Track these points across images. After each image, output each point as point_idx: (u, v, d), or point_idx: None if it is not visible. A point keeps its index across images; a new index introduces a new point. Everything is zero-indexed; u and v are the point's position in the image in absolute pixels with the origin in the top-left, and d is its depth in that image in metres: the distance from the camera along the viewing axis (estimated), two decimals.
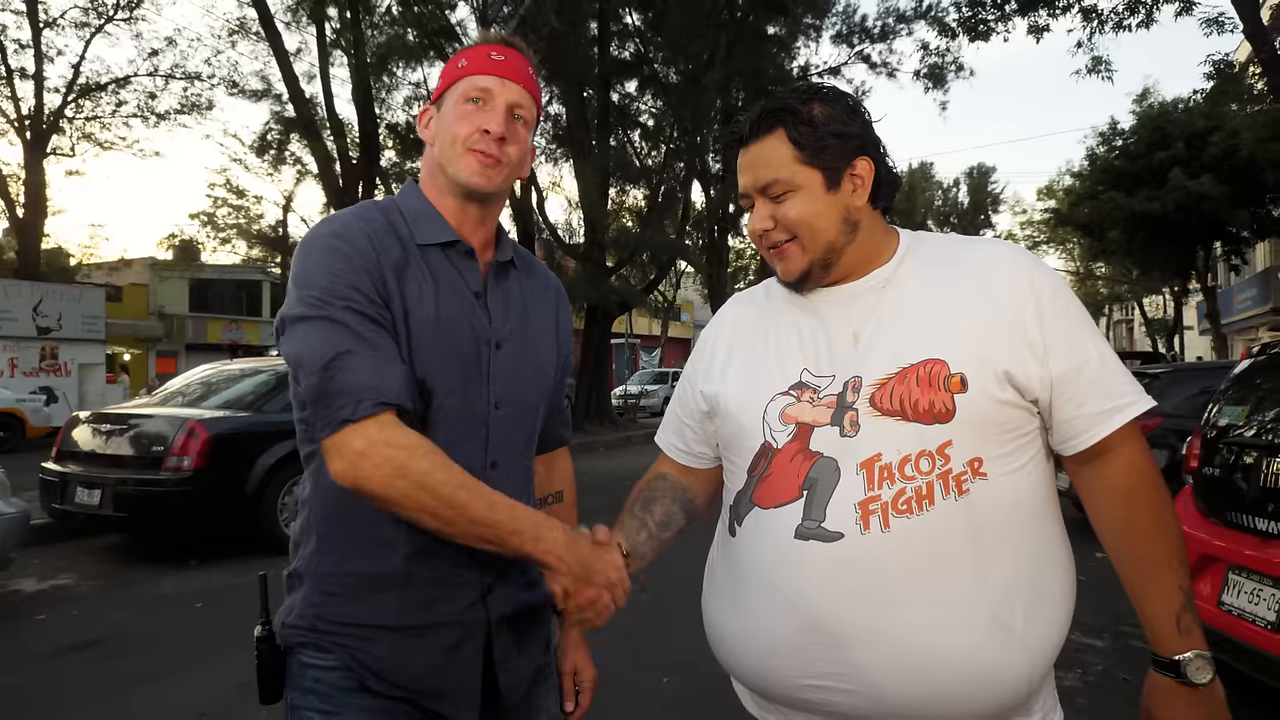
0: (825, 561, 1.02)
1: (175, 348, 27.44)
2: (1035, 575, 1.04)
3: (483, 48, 1.19)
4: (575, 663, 1.34)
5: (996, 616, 1.00)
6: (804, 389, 1.10)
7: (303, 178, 19.91)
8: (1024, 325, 1.04)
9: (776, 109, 1.11)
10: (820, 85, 1.16)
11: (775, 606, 1.06)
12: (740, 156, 1.14)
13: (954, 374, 1.02)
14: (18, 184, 18.65)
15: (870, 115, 1.14)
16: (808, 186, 1.09)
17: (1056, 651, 1.06)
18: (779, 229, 1.11)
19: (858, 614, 1.00)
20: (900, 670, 0.99)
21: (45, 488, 6.09)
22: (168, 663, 3.77)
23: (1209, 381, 5.73)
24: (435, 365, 1.11)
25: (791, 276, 1.13)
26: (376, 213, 1.17)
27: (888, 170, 1.14)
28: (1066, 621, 1.07)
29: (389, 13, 15.12)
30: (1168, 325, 30.62)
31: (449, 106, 1.18)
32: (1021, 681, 1.01)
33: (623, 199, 22.38)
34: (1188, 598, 1.06)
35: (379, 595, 1.13)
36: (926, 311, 1.08)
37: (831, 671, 1.02)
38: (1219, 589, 2.91)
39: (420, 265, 1.14)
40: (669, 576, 2.33)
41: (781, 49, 21.78)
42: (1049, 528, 1.08)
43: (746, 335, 1.21)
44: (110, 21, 19.14)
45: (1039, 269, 1.10)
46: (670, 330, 36.26)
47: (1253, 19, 10.12)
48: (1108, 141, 20.03)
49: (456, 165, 1.16)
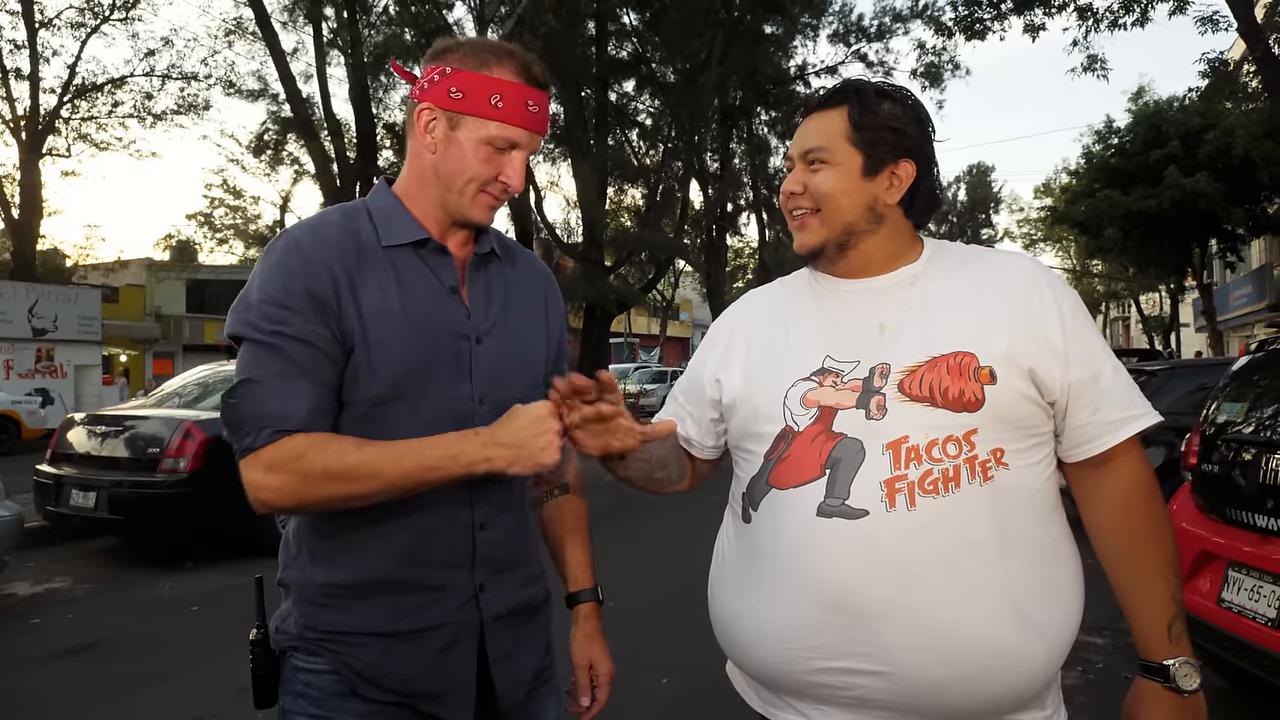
0: (848, 539, 1.02)
1: (172, 349, 27.39)
2: (1051, 568, 1.07)
3: (520, 90, 1.12)
4: (591, 656, 1.29)
5: (1018, 604, 1.01)
6: (826, 374, 1.11)
7: (300, 177, 19.92)
8: (1048, 330, 1.08)
9: (850, 88, 1.14)
10: (899, 86, 1.18)
11: (794, 588, 1.05)
12: (801, 124, 1.18)
13: (984, 366, 1.05)
14: (13, 185, 18.61)
15: (935, 132, 1.17)
16: (845, 164, 1.12)
17: (1069, 645, 1.07)
18: (806, 196, 1.14)
19: (882, 591, 1.00)
20: (922, 649, 0.99)
21: (40, 490, 6.06)
22: (164, 666, 3.75)
23: (1206, 378, 5.73)
24: (404, 365, 1.10)
25: (804, 249, 1.16)
26: (339, 216, 1.16)
27: (931, 186, 1.16)
28: (1078, 617, 1.09)
29: (386, 12, 15.12)
30: (1164, 322, 30.67)
31: (469, 137, 1.12)
32: (1039, 671, 1.03)
33: (621, 198, 22.38)
34: (1180, 608, 1.10)
35: (369, 603, 1.11)
36: (955, 308, 1.10)
37: (853, 651, 1.02)
38: (1219, 586, 2.90)
39: (384, 266, 1.12)
40: (668, 579, 2.32)
41: (779, 48, 21.81)
42: (1059, 525, 1.11)
43: (763, 326, 1.22)
44: (106, 22, 19.11)
45: (1058, 283, 1.14)
46: (669, 329, 36.25)
47: (1247, 17, 10.14)
48: (1104, 140, 20.05)
49: (465, 201, 1.14)
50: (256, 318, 1.06)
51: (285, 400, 1.04)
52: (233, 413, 1.06)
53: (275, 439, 1.03)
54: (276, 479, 1.03)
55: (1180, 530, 3.20)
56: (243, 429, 1.04)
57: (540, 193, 20.08)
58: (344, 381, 1.09)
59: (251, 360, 1.06)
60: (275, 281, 1.07)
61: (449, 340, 1.14)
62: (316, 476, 1.02)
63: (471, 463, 1.03)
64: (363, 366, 1.08)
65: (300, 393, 1.05)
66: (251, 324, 1.07)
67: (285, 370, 1.05)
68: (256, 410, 1.04)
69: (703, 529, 1.33)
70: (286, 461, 1.02)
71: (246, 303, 1.08)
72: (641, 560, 5.55)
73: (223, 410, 1.07)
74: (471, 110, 1.11)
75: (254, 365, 1.06)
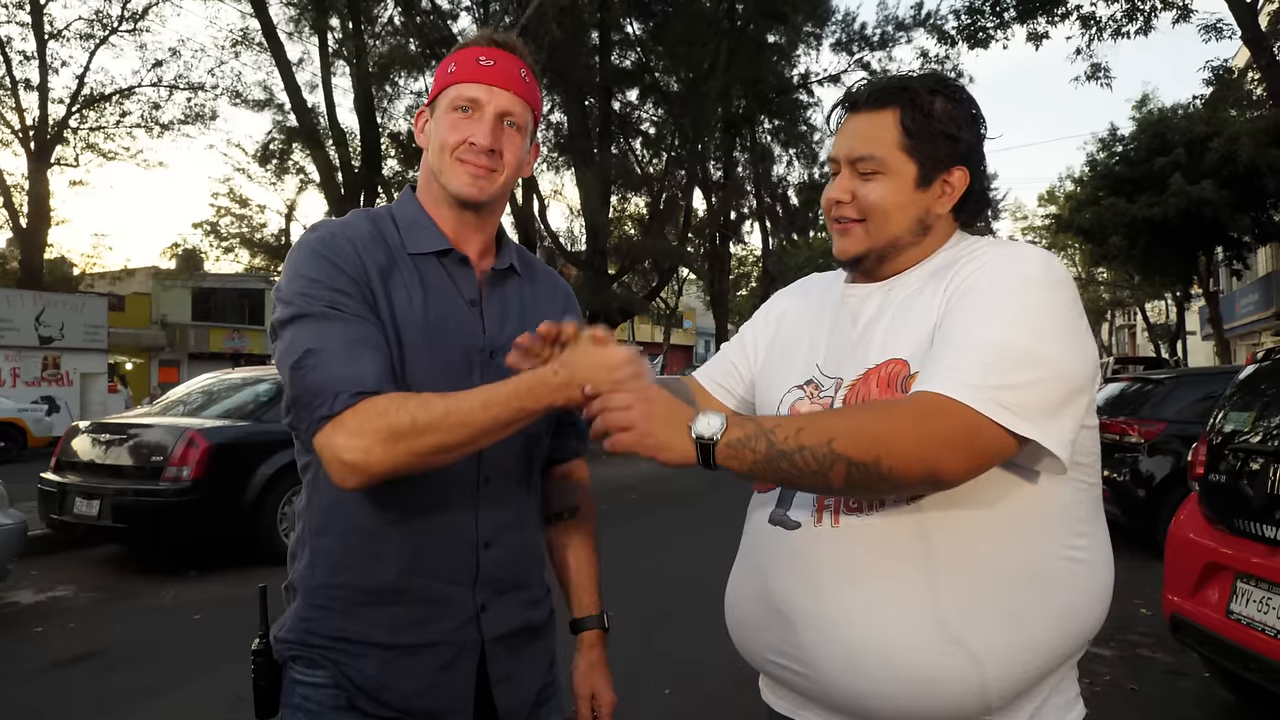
0: (784, 549, 1.07)
1: (178, 357, 27.47)
2: (1013, 590, 0.98)
3: (472, 50, 1.15)
4: (594, 686, 1.27)
5: (944, 622, 0.96)
6: (811, 385, 1.12)
7: (305, 186, 19.94)
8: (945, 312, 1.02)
9: (900, 87, 1.07)
10: (951, 80, 1.11)
11: (748, 584, 1.13)
12: (845, 121, 1.11)
13: (912, 374, 1.00)
14: (21, 194, 18.74)
15: (986, 128, 1.11)
16: (899, 175, 1.06)
17: (1031, 676, 0.99)
18: (853, 205, 1.09)
19: (803, 600, 1.03)
20: (837, 660, 1.00)
21: (44, 498, 6.07)
22: (166, 675, 3.74)
23: (1213, 387, 5.69)
24: (423, 374, 1.09)
25: (846, 256, 1.12)
26: (365, 220, 1.16)
27: (982, 188, 1.11)
28: (1052, 650, 1.00)
29: (391, 23, 15.21)
30: (1170, 331, 30.55)
31: (440, 112, 1.16)
32: (969, 694, 0.96)
33: (624, 206, 22.45)
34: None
35: (370, 610, 1.11)
36: (900, 313, 1.07)
37: (785, 651, 1.06)
38: (1227, 598, 2.87)
39: (410, 273, 1.13)
40: (670, 586, 2.31)
41: (782, 57, 21.88)
42: (1042, 546, 1.00)
43: (792, 321, 1.24)
44: (114, 33, 19.25)
45: (1016, 264, 1.00)
46: (673, 337, 36.25)
47: (1251, 25, 10.14)
48: (1108, 147, 20.01)
49: (447, 174, 1.15)
50: (307, 297, 1.04)
51: (355, 364, 1.01)
52: (301, 385, 1.01)
53: (354, 401, 0.99)
54: (363, 440, 0.97)
55: (1187, 541, 3.17)
56: (317, 398, 1.00)
57: (544, 201, 20.14)
58: None
59: (311, 333, 1.03)
60: (318, 267, 1.06)
61: (463, 353, 1.14)
62: (405, 431, 0.98)
63: (552, 403, 1.02)
64: (396, 365, 1.08)
65: (368, 357, 1.02)
66: (303, 301, 1.04)
67: (348, 337, 1.02)
68: (328, 376, 1.00)
69: (707, 532, 1.32)
70: (371, 421, 0.98)
71: (291, 290, 1.06)
72: (645, 565, 5.53)
73: (290, 385, 1.03)
74: (438, 88, 1.17)
75: (315, 337, 1.02)
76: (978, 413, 0.90)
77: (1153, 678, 3.62)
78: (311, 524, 1.15)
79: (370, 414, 0.99)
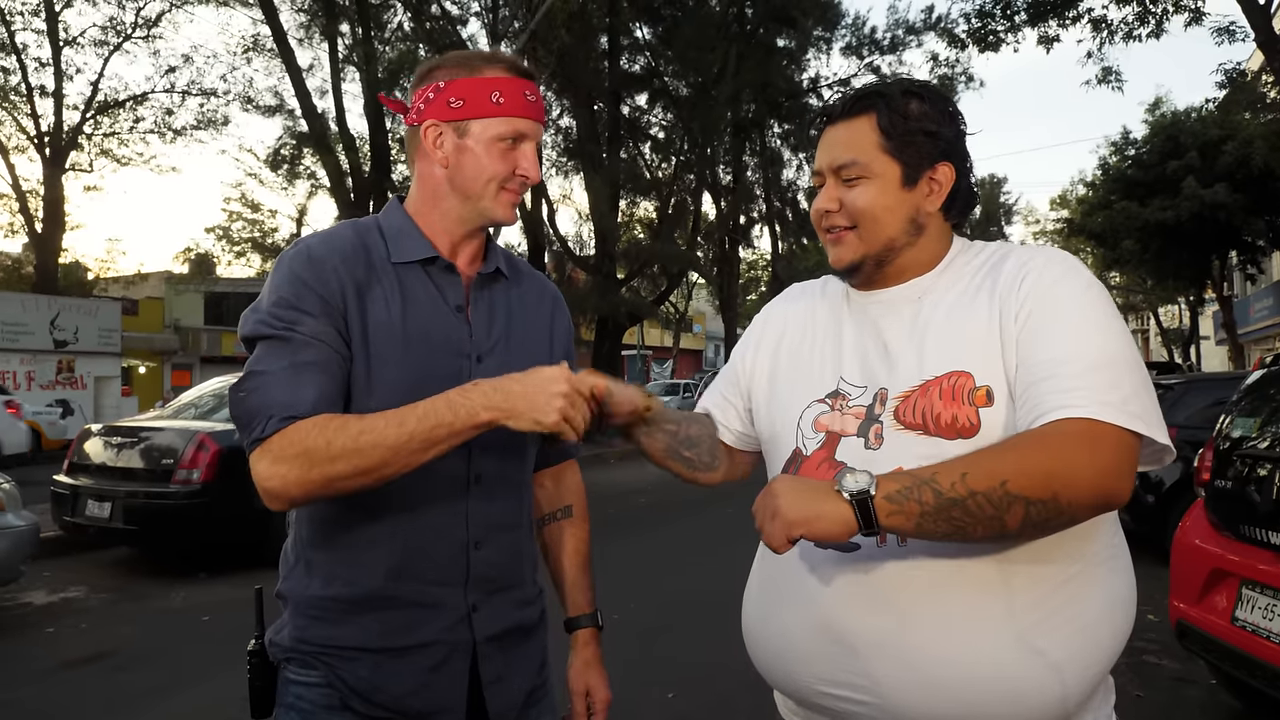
0: (842, 571, 1.01)
1: (190, 360, 27.68)
2: (1073, 598, 0.99)
3: (516, 83, 1.15)
4: (588, 683, 1.28)
5: (1024, 637, 0.96)
6: (838, 397, 1.09)
7: (316, 191, 20.11)
8: (1013, 324, 1.01)
9: (873, 93, 1.08)
10: (923, 81, 1.12)
11: (795, 613, 1.06)
12: (824, 134, 1.11)
13: (980, 387, 0.99)
14: (37, 199, 18.95)
15: (965, 124, 1.11)
16: (883, 177, 1.06)
17: (1099, 673, 1.02)
18: (842, 214, 1.08)
19: (870, 625, 0.99)
20: (911, 683, 0.97)
21: (56, 500, 6.13)
22: (176, 676, 3.78)
23: (1223, 392, 5.64)
24: (400, 379, 1.10)
25: (841, 265, 1.11)
26: (350, 231, 1.18)
27: (968, 183, 1.11)
28: (1112, 644, 1.02)
29: (400, 29, 15.31)
30: (1183, 335, 30.31)
31: (479, 139, 1.14)
32: (1052, 705, 0.97)
33: (633, 211, 22.45)
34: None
35: (361, 617, 1.12)
36: (951, 323, 1.04)
37: (847, 680, 1.01)
38: (1233, 604, 2.85)
39: (390, 282, 1.14)
40: (674, 592, 2.31)
41: (791, 61, 21.89)
42: (1092, 549, 1.02)
43: (795, 334, 1.20)
44: (128, 40, 19.48)
45: (1052, 266, 1.03)
46: (682, 341, 36.23)
47: (1264, 28, 10.08)
48: (1120, 151, 19.89)
49: (488, 202, 1.16)
50: (268, 318, 1.07)
51: (294, 389, 1.02)
52: (240, 406, 1.04)
53: (283, 426, 1.00)
54: (283, 467, 0.99)
55: (1193, 547, 3.15)
56: (251, 421, 1.02)
57: (553, 206, 20.19)
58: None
59: (261, 355, 1.06)
60: (287, 286, 1.08)
61: (449, 358, 1.14)
62: (320, 456, 0.99)
63: (472, 413, 1.01)
64: (361, 378, 1.10)
65: (309, 382, 1.03)
66: (263, 323, 1.07)
67: (294, 362, 1.04)
68: (264, 400, 1.02)
69: (716, 540, 1.33)
70: (291, 446, 0.99)
71: (258, 307, 1.09)
72: (652, 571, 5.52)
73: (231, 406, 1.06)
74: (476, 113, 1.13)
75: (263, 359, 1.05)
76: (1124, 429, 0.91)
77: (1159, 684, 3.59)
78: (302, 533, 1.17)
79: (293, 438, 1.00)
